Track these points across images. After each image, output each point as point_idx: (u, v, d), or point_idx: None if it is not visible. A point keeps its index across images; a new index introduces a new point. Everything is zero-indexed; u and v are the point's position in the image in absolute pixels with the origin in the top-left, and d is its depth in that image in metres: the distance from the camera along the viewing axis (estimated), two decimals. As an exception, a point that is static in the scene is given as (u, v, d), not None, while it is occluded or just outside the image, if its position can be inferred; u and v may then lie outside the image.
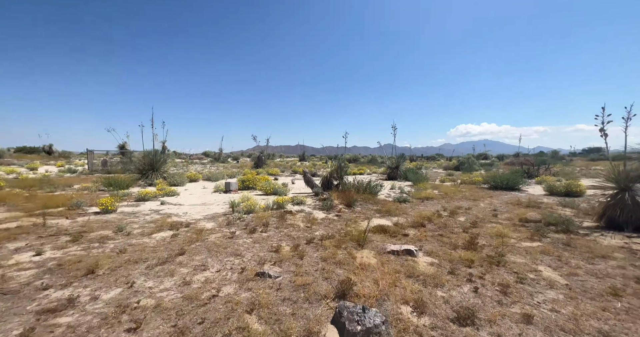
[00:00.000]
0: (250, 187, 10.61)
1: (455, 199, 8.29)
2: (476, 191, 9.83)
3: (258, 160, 21.68)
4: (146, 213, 6.18)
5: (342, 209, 6.85)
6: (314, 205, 7.45)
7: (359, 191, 8.58)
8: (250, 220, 5.61)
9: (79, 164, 19.33)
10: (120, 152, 25.65)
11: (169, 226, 4.97)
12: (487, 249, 3.91)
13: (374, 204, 7.62)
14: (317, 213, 6.44)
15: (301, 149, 40.15)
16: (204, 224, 5.26)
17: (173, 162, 24.50)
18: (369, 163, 31.58)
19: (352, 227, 5.29)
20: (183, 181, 11.80)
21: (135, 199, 7.76)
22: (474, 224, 5.28)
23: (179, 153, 32.57)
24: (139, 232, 4.59)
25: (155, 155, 12.80)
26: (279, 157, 43.75)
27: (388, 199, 8.35)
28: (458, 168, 21.76)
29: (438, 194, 9.24)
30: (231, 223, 5.33)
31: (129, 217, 5.69)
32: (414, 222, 5.57)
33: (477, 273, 3.05)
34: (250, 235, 4.63)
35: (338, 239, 4.36)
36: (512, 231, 4.78)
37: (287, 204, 7.11)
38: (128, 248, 3.74)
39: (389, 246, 3.90)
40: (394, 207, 7.03)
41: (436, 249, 3.88)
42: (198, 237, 4.35)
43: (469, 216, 6.17)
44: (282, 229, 5.01)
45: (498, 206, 7.14)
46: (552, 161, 23.53)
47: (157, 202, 7.54)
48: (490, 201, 7.86)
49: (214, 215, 6.08)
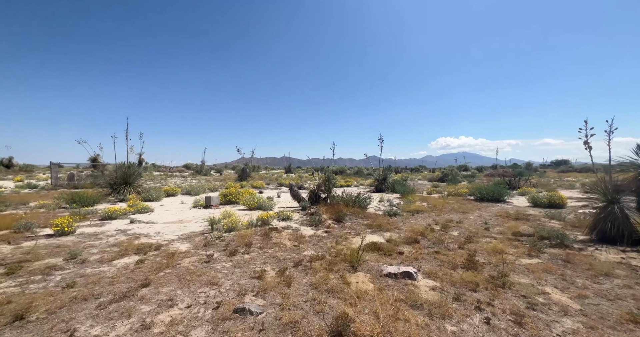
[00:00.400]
0: (233, 202, 9.99)
1: (445, 212, 8.17)
2: (464, 203, 9.83)
3: (242, 173, 20.94)
4: (111, 234, 5.45)
5: (331, 224, 6.47)
6: (302, 220, 7.02)
7: (348, 205, 8.26)
8: (231, 239, 5.08)
9: (41, 178, 17.64)
10: (92, 165, 23.97)
11: (135, 250, 4.33)
12: (487, 267, 3.67)
13: (364, 218, 7.30)
14: (305, 229, 6.01)
15: (287, 161, 39.69)
16: (178, 246, 4.66)
17: (150, 176, 23.13)
18: (355, 175, 31.63)
19: (343, 245, 4.91)
20: (159, 196, 10.94)
21: (101, 217, 6.94)
22: (468, 239, 5.08)
23: (158, 166, 30.97)
24: (97, 258, 3.93)
25: (128, 168, 11.89)
26: (264, 170, 42.94)
27: (378, 213, 8.08)
28: (442, 180, 22.19)
29: (427, 206, 9.12)
30: (209, 244, 4.78)
31: (89, 240, 4.96)
32: (408, 238, 5.29)
33: (484, 299, 2.75)
34: (230, 257, 4.11)
35: (329, 260, 3.95)
36: (508, 246, 4.61)
37: (273, 220, 6.63)
38: (78, 281, 3.12)
39: (385, 267, 3.55)
40: (385, 222, 6.74)
41: (435, 270, 3.58)
42: (169, 262, 3.78)
43: (462, 229, 6.00)
44: (267, 250, 4.53)
45: (488, 219, 7.07)
46: (528, 173, 24.73)
47: (126, 220, 6.77)
48: (480, 214, 7.80)
49: (190, 234, 5.48)
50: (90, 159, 23.77)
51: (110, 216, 6.91)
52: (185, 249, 4.49)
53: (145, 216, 7.49)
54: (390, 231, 6.01)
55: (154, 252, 4.32)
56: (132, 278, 3.26)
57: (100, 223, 6.48)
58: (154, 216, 7.63)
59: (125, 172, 11.76)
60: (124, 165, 12.04)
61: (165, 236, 5.36)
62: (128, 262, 3.84)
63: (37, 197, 10.95)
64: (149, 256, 4.12)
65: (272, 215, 6.59)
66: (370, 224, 6.57)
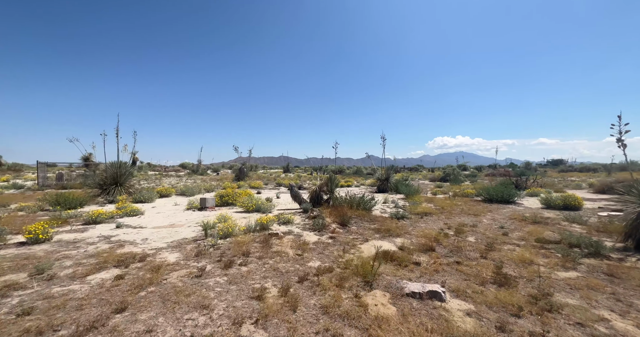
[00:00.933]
0: (230, 203, 9.44)
1: (454, 214, 7.71)
2: (472, 204, 9.38)
3: (239, 173, 20.36)
4: (92, 242, 4.89)
5: (336, 229, 5.96)
6: (304, 224, 6.50)
7: (352, 207, 7.76)
8: (226, 247, 4.55)
9: (29, 178, 16.90)
10: (84, 164, 23.21)
11: (116, 262, 3.79)
12: (522, 283, 3.19)
13: (371, 222, 6.81)
14: (308, 235, 5.49)
15: (285, 161, 39.07)
16: (166, 256, 4.12)
17: (145, 175, 22.44)
18: (355, 174, 31.16)
19: (351, 253, 4.41)
20: (152, 197, 10.35)
21: (84, 221, 6.36)
22: (489, 246, 4.60)
23: (153, 165, 30.23)
24: (69, 273, 3.38)
25: (119, 167, 11.27)
26: (262, 169, 42.34)
27: (384, 215, 7.60)
28: (444, 179, 21.80)
29: (435, 208, 8.65)
30: (202, 253, 4.24)
31: (65, 249, 4.40)
32: (421, 245, 4.81)
33: (535, 329, 2.26)
34: (225, 270, 3.59)
35: (339, 274, 3.45)
36: (535, 255, 4.14)
37: (273, 224, 6.11)
38: (39, 305, 2.57)
39: (405, 284, 3.05)
40: (394, 226, 6.26)
41: (462, 286, 3.09)
42: (153, 278, 3.24)
43: (478, 235, 5.53)
44: (267, 260, 4.01)
45: (503, 222, 6.61)
46: (529, 172, 24.44)
47: (112, 225, 6.20)
48: (492, 216, 7.34)
49: (182, 242, 4.94)
50: (82, 158, 23.02)
51: (94, 220, 6.33)
52: (174, 260, 3.95)
53: (134, 220, 6.92)
54: (400, 236, 5.52)
55: (138, 264, 3.77)
56: (106, 300, 2.72)
57: (83, 228, 5.90)
58: (144, 219, 7.06)
59: (116, 171, 11.15)
60: (115, 165, 11.42)
61: (153, 244, 4.81)
62: (105, 277, 3.29)
63: (21, 198, 10.31)
64: (131, 269, 3.58)
65: (271, 219, 6.06)
66: (378, 228, 6.08)
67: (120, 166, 11.41)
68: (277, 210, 8.44)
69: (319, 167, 38.20)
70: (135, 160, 22.60)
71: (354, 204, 7.94)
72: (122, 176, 11.26)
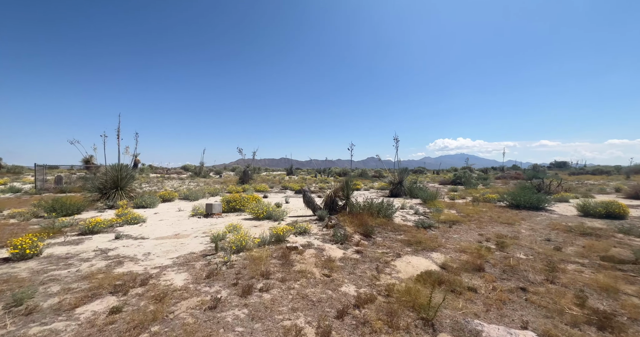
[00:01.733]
0: (238, 209, 8.81)
1: (484, 223, 7.04)
2: (498, 211, 8.70)
3: (244, 175, 19.75)
4: (86, 257, 4.27)
5: (360, 240, 5.31)
6: (322, 235, 5.86)
7: (371, 214, 7.12)
8: (241, 265, 3.91)
9: (28, 181, 16.38)
10: (85, 167, 22.71)
11: (113, 286, 3.16)
12: (628, 324, 2.52)
13: (396, 232, 6.16)
14: (331, 248, 4.85)
15: (286, 163, 38.49)
16: (172, 278, 3.49)
17: (146, 178, 21.89)
18: (360, 177, 30.46)
19: (387, 273, 3.77)
20: (154, 202, 9.75)
21: (80, 231, 5.75)
22: (549, 267, 3.92)
23: (155, 167, 29.72)
24: (54, 304, 2.75)
25: (120, 170, 10.69)
26: (264, 171, 41.73)
27: (407, 224, 6.94)
28: (455, 182, 21.09)
29: (460, 215, 7.98)
30: (214, 274, 3.61)
31: (54, 268, 3.78)
32: (465, 262, 4.15)
33: None
34: (244, 299, 2.95)
35: (384, 306, 2.80)
36: (613, 279, 3.47)
37: (289, 235, 5.47)
38: (6, 360, 1.95)
39: (479, 325, 2.40)
40: (423, 236, 5.60)
41: (549, 328, 2.44)
42: (157, 311, 2.61)
43: (524, 249, 4.86)
44: (291, 283, 3.37)
45: (546, 234, 5.93)
46: (542, 175, 23.67)
47: (111, 235, 5.59)
48: (529, 226, 6.66)
49: (189, 257, 4.31)
50: (83, 160, 22.55)
51: (91, 230, 5.72)
52: (181, 284, 3.32)
53: (135, 229, 6.31)
54: (435, 250, 4.87)
55: (139, 289, 3.14)
56: (96, 348, 2.09)
57: (78, 239, 5.29)
58: (146, 228, 6.44)
59: (116, 175, 10.57)
60: (115, 168, 10.85)
61: (156, 260, 4.19)
62: (98, 310, 2.67)
63: (16, 203, 9.74)
64: (131, 297, 2.95)
65: (288, 229, 5.42)
66: (406, 240, 5.43)
67: (121, 169, 10.84)
68: (289, 217, 7.80)
69: (323, 169, 37.55)
70: (137, 163, 22.06)
71: (373, 210, 7.30)
72: (123, 179, 10.68)
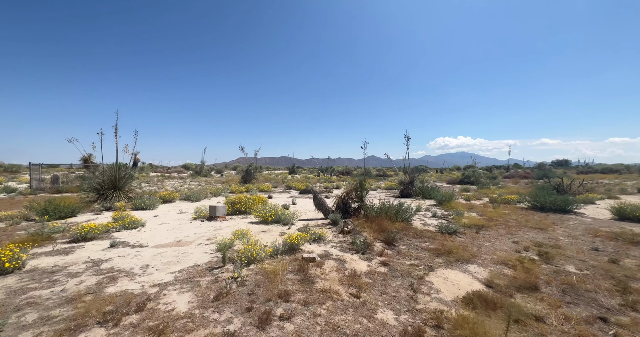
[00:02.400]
0: (243, 211, 8.26)
1: (512, 227, 6.48)
2: (522, 213, 8.14)
3: (246, 174, 19.19)
4: (75, 271, 3.72)
5: (384, 250, 4.76)
6: (339, 242, 5.30)
7: (389, 218, 6.56)
8: (254, 283, 3.36)
9: (24, 180, 15.84)
10: (83, 165, 22.18)
11: (102, 313, 2.60)
12: None
13: (419, 238, 5.61)
14: (352, 259, 4.29)
15: (286, 161, 37.98)
16: (173, 300, 2.94)
17: (146, 177, 21.35)
18: (363, 175, 29.88)
19: (425, 293, 3.22)
20: (154, 203, 9.20)
21: (71, 238, 5.19)
22: (619, 286, 3.36)
23: (155, 166, 29.17)
24: (26, 343, 2.20)
25: (118, 169, 10.13)
26: (265, 170, 41.18)
27: (429, 229, 6.38)
28: (463, 182, 20.51)
29: (482, 218, 7.43)
30: (223, 294, 3.06)
31: (37, 286, 3.22)
32: (513, 278, 3.60)
33: None
34: (262, 333, 2.40)
35: (439, 343, 2.25)
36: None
37: (303, 243, 4.91)
38: None
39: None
40: (452, 244, 5.05)
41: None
42: (155, 351, 2.06)
43: (572, 261, 4.30)
44: (316, 307, 2.82)
45: (587, 241, 5.36)
46: (551, 174, 23.07)
47: (106, 243, 5.04)
48: (566, 232, 6.07)
49: (193, 271, 3.75)
50: (81, 159, 22.00)
51: (84, 237, 5.17)
52: (185, 308, 2.77)
53: (132, 234, 5.76)
54: (470, 261, 4.31)
55: (134, 317, 2.59)
56: None
57: (69, 248, 4.74)
58: (145, 233, 5.90)
59: (114, 174, 10.02)
60: (113, 167, 10.29)
61: (155, 275, 3.64)
62: (81, 350, 2.11)
63: (8, 204, 9.20)
64: (123, 329, 2.40)
65: (301, 236, 4.85)
66: (434, 248, 4.87)
67: (119, 168, 10.28)
68: (299, 220, 7.24)
69: (325, 168, 36.96)
70: (137, 162, 21.51)
71: (390, 213, 6.74)
72: (121, 179, 10.13)
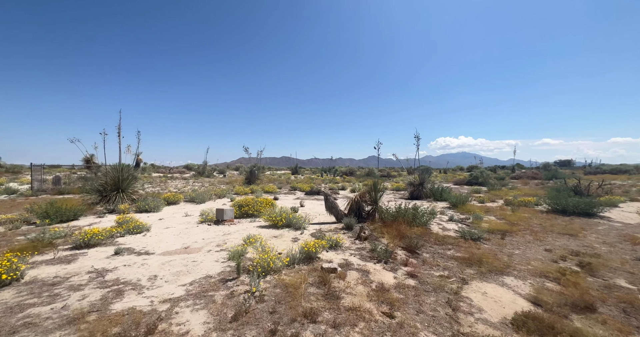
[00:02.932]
0: (250, 214, 7.94)
1: (538, 232, 6.12)
2: (545, 217, 7.77)
3: (250, 175, 18.89)
4: (78, 283, 3.40)
5: (408, 259, 4.41)
6: (357, 249, 4.97)
7: (407, 222, 6.21)
8: (274, 298, 3.04)
9: (26, 181, 15.61)
10: (85, 166, 21.95)
11: (108, 335, 2.29)
12: None
13: (441, 244, 5.27)
14: (376, 270, 3.96)
15: (287, 161, 37.73)
16: (187, 319, 2.62)
17: (149, 178, 21.10)
18: (367, 176, 29.48)
19: (468, 312, 2.88)
20: (158, 206, 8.90)
21: (73, 244, 4.89)
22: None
23: (157, 166, 28.94)
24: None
25: (121, 170, 9.84)
26: (267, 170, 40.89)
27: (449, 234, 6.04)
28: (471, 182, 20.13)
29: (502, 222, 7.07)
30: (242, 313, 2.73)
31: (35, 301, 2.91)
32: (560, 294, 3.26)
33: None
34: (291, 361, 2.07)
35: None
36: None
37: (320, 250, 4.57)
38: None
39: None
40: (479, 252, 4.72)
41: None
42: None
43: (621, 273, 3.95)
44: (348, 331, 2.49)
45: (628, 249, 5.00)
46: (562, 175, 22.59)
47: (110, 249, 4.73)
48: (599, 238, 5.69)
49: (205, 284, 3.43)
50: (83, 159, 21.79)
51: (87, 243, 4.86)
52: (201, 331, 2.45)
53: (138, 240, 5.46)
54: (504, 272, 3.97)
55: (144, 342, 2.27)
56: None
57: (71, 255, 4.43)
58: (150, 238, 5.59)
59: (117, 175, 9.73)
60: (115, 168, 10.00)
61: (164, 288, 3.32)
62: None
63: (9, 206, 8.93)
64: (133, 358, 2.07)
65: (319, 244, 4.51)
66: (461, 257, 4.53)
67: (123, 169, 9.98)
68: (311, 224, 6.91)
69: (328, 168, 36.59)
70: (139, 162, 21.25)
71: (407, 217, 6.39)
72: (124, 180, 9.84)
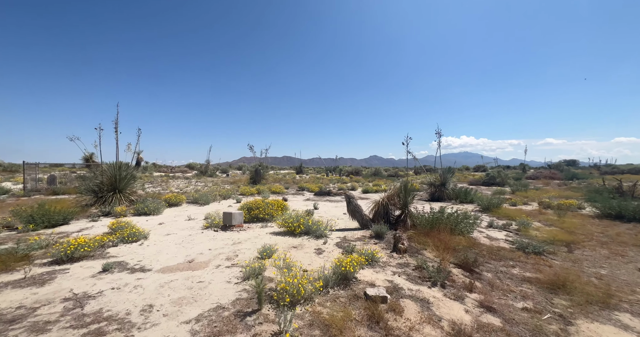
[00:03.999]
0: (261, 219, 7.04)
1: (609, 243, 5.17)
2: (598, 223, 6.80)
3: (256, 175, 18.02)
4: (47, 319, 2.50)
5: (470, 282, 3.48)
6: (397, 265, 4.05)
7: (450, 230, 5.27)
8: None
9: (20, 180, 14.83)
10: (85, 165, 21.21)
11: None
12: None
13: (499, 260, 4.34)
14: (436, 299, 3.03)
15: (289, 161, 36.92)
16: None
17: (150, 177, 20.29)
18: (374, 175, 28.51)
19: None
20: (158, 208, 8.03)
21: (53, 258, 3.99)
22: None
23: (159, 165, 28.17)
24: None
25: (118, 169, 8.98)
26: (271, 170, 40.02)
27: (499, 244, 5.10)
28: (487, 183, 19.12)
29: (552, 228, 6.12)
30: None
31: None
32: None
33: None
34: None
35: None
36: None
37: (358, 269, 3.62)
38: None
39: None
40: (552, 271, 3.78)
41: None
42: None
43: None
44: None
45: None
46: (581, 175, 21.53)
47: (98, 264, 3.84)
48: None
49: (217, 318, 2.52)
50: (83, 158, 21.06)
51: (70, 256, 3.98)
52: None
53: (133, 250, 4.57)
54: (609, 304, 3.02)
55: None
56: None
57: (48, 273, 3.55)
58: (148, 248, 4.70)
59: (114, 174, 8.87)
60: (113, 166, 9.15)
61: (162, 325, 2.41)
62: None
63: (-5, 208, 8.09)
64: None
65: (357, 261, 3.57)
66: (534, 278, 3.59)
67: (120, 168, 9.13)
68: (332, 231, 5.97)
69: (333, 167, 35.60)
70: (140, 161, 20.46)
71: (449, 224, 5.45)
72: (122, 180, 8.98)
